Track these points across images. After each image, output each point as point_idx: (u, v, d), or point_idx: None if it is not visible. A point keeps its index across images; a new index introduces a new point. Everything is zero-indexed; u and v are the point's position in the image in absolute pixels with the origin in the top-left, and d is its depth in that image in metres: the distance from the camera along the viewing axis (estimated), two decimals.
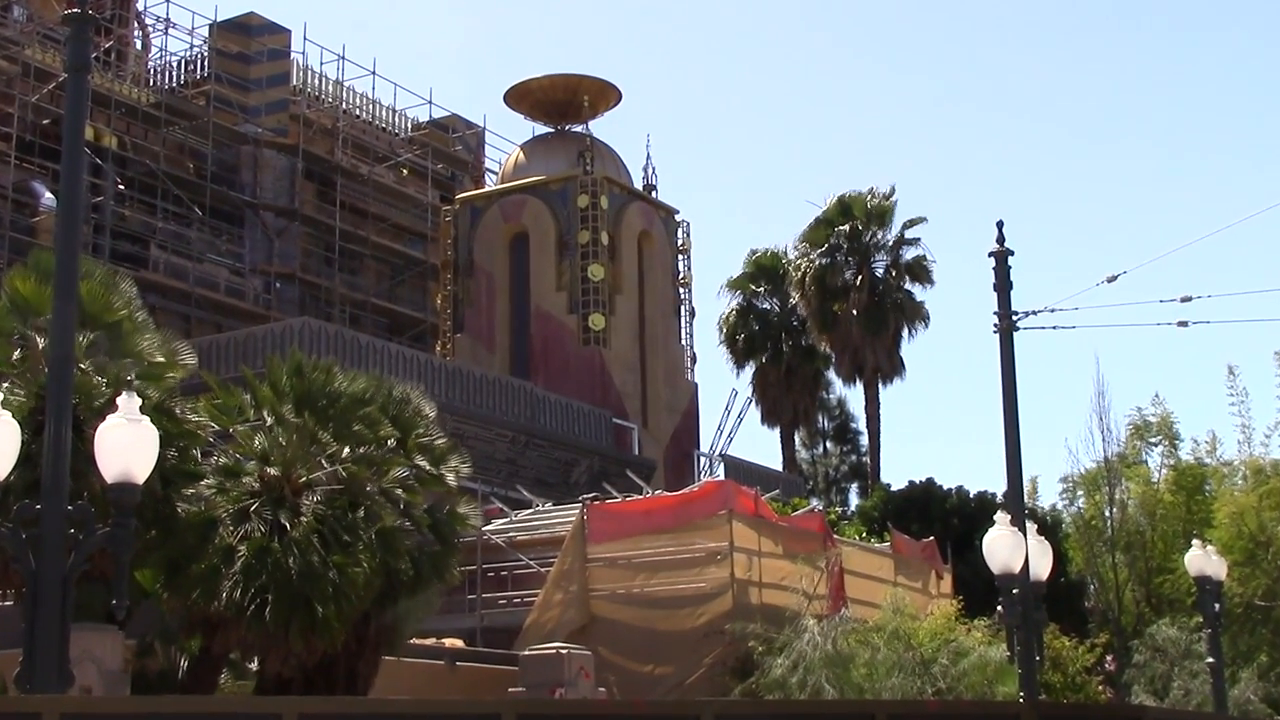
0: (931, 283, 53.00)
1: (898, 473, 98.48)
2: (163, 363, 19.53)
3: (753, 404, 54.72)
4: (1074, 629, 32.83)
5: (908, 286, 52.84)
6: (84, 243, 42.04)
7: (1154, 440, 40.77)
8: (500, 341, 45.90)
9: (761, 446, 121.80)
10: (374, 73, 52.79)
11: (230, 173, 47.65)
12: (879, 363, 51.99)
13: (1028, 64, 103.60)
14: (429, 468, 20.94)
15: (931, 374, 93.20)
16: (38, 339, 18.11)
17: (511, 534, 30.13)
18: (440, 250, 48.51)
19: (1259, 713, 30.57)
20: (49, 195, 40.70)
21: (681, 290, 48.61)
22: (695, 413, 47.81)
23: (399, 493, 20.14)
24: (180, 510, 18.78)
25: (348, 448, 19.95)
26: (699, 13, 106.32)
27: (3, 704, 13.08)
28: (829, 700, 21.70)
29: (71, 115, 13.84)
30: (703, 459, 47.09)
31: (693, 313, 48.81)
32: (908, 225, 53.35)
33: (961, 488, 41.99)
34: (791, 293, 55.06)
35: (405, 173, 53.60)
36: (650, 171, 48.90)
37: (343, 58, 51.48)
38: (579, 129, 48.24)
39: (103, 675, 17.89)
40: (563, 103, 48.15)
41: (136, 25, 49.12)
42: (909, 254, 53.13)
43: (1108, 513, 38.78)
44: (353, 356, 34.76)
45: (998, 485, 46.83)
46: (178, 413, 18.99)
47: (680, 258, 48.85)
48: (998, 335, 19.76)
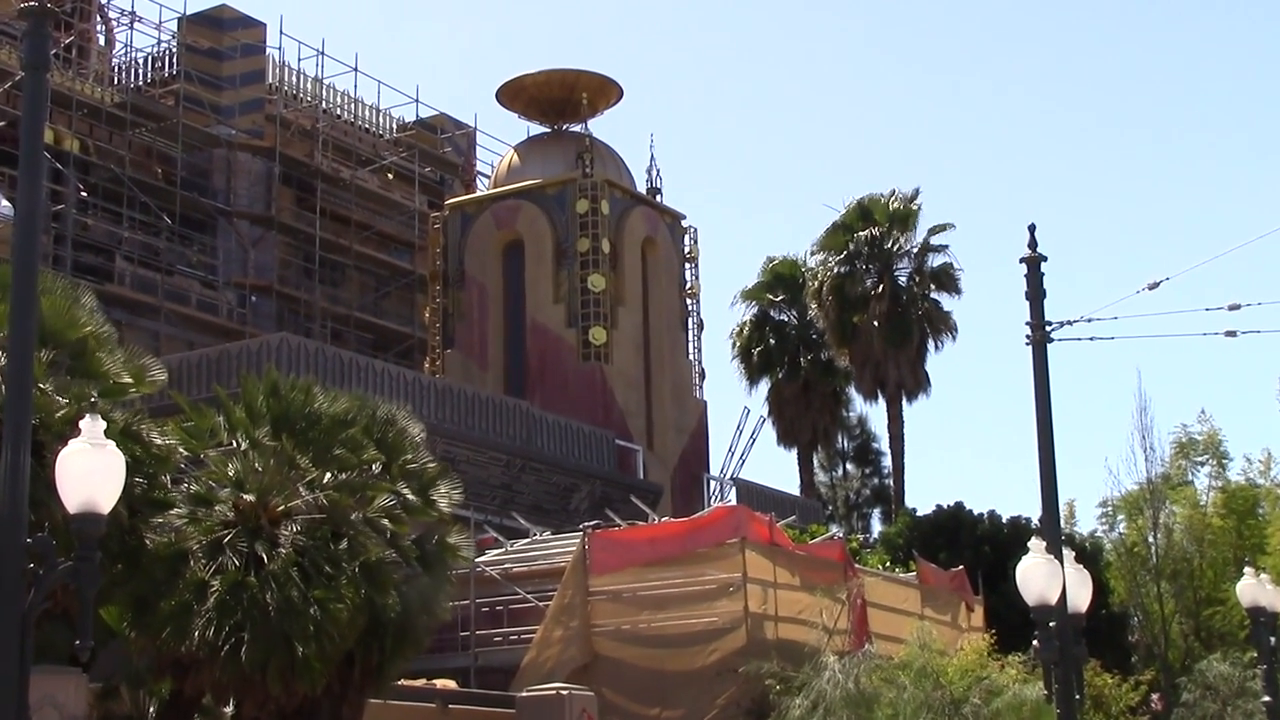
0: (959, 292, 53.12)
1: (924, 496, 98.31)
2: (129, 383, 19.53)
3: (767, 423, 54.75)
4: (1116, 665, 32.78)
5: (933, 296, 52.89)
6: (44, 254, 42.29)
7: (1201, 460, 40.79)
8: (494, 358, 45.90)
9: (777, 469, 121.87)
10: (356, 69, 52.92)
11: (201, 178, 47.70)
12: (903, 378, 51.99)
13: (1059, 60, 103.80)
14: (417, 495, 20.91)
15: (959, 390, 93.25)
16: None
17: (507, 565, 30.10)
18: (428, 260, 48.54)
19: None
20: (5, 203, 40.74)
21: (689, 301, 48.62)
22: (705, 433, 47.77)
23: (385, 522, 20.11)
24: (148, 542, 18.76)
25: (329, 473, 19.93)
26: (704, 3, 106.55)
27: None
28: None
29: (29, 117, 13.84)
30: (713, 483, 47.05)
31: (701, 325, 48.84)
32: (933, 230, 53.45)
33: (993, 512, 42.00)
34: (809, 303, 55.08)
35: (390, 177, 53.63)
36: (654, 174, 48.98)
37: (322, 53, 51.63)
38: (577, 128, 48.27)
39: None
40: (559, 100, 48.20)
41: (99, 19, 49.20)
42: (934, 261, 53.21)
43: (1152, 539, 38.76)
44: (334, 375, 34.73)
45: (1032, 509, 46.77)
46: (146, 436, 18.98)
47: (687, 266, 48.87)
48: (1030, 347, 19.75)
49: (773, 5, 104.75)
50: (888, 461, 59.48)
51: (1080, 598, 18.81)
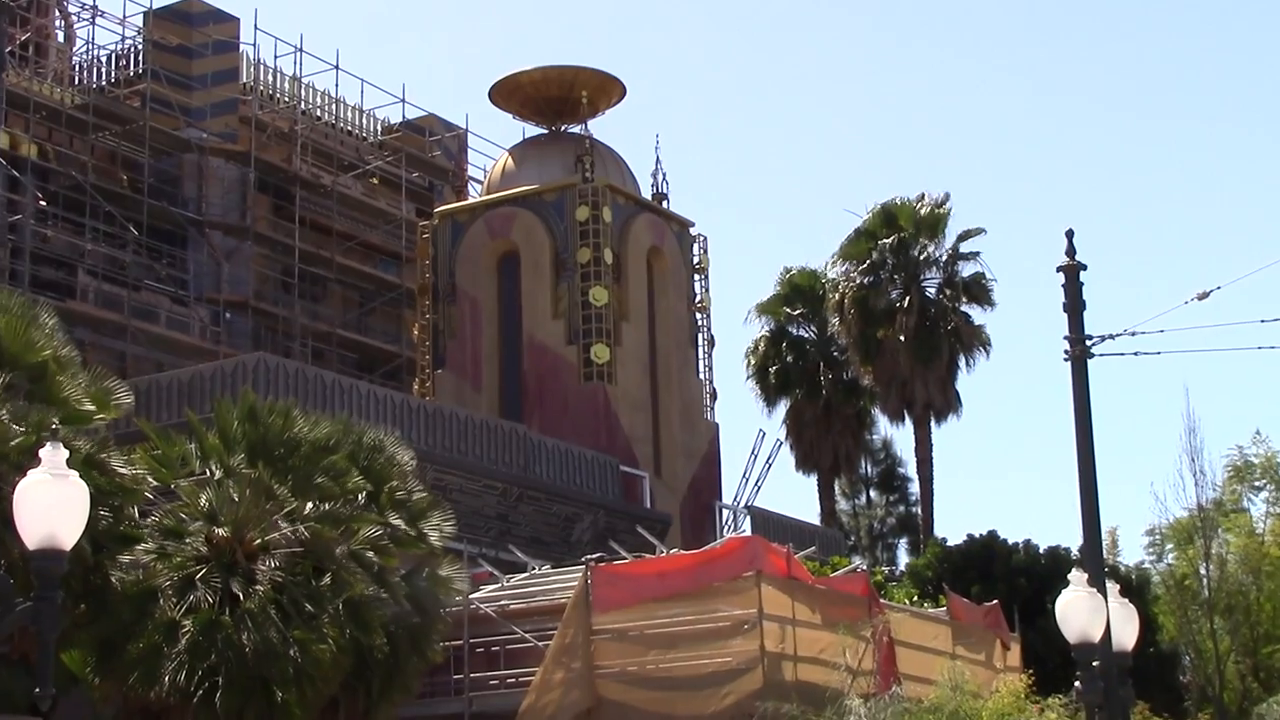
0: (992, 304, 53.06)
1: (954, 525, 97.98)
2: (93, 409, 19.57)
3: (785, 447, 54.69)
4: (1166, 708, 32.70)
5: (964, 308, 52.84)
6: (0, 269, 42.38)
7: (1258, 484, 40.66)
8: (488, 378, 45.91)
9: (795, 497, 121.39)
10: (337, 67, 52.99)
11: (170, 185, 47.75)
12: (931, 397, 51.94)
13: (1095, 53, 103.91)
14: (406, 526, 20.96)
15: (993, 410, 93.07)
16: None
17: (503, 602, 30.05)
18: (417, 273, 48.57)
19: None
20: None
21: (699, 316, 48.62)
22: (717, 458, 47.74)
23: (371, 556, 20.15)
24: (114, 580, 18.79)
25: (310, 504, 19.98)
26: None
27: None
28: None
29: None
30: (726, 512, 46.99)
31: (712, 342, 48.84)
32: (963, 237, 53.39)
33: (1030, 542, 41.87)
34: (829, 317, 55.05)
35: (375, 183, 53.68)
36: (661, 178, 49.00)
37: (300, 50, 51.70)
38: (576, 129, 48.31)
39: None
40: (557, 99, 48.26)
41: (58, 14, 49.33)
42: (965, 270, 53.19)
43: (1203, 570, 38.63)
44: (316, 397, 34.73)
45: (1072, 539, 46.61)
46: (111, 466, 19.02)
47: (697, 278, 48.88)
48: (1069, 363, 19.74)
49: (788, 0, 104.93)
50: (915, 488, 59.39)
51: (1126, 634, 18.78)
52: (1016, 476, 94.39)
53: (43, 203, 44.24)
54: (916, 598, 37.08)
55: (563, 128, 48.98)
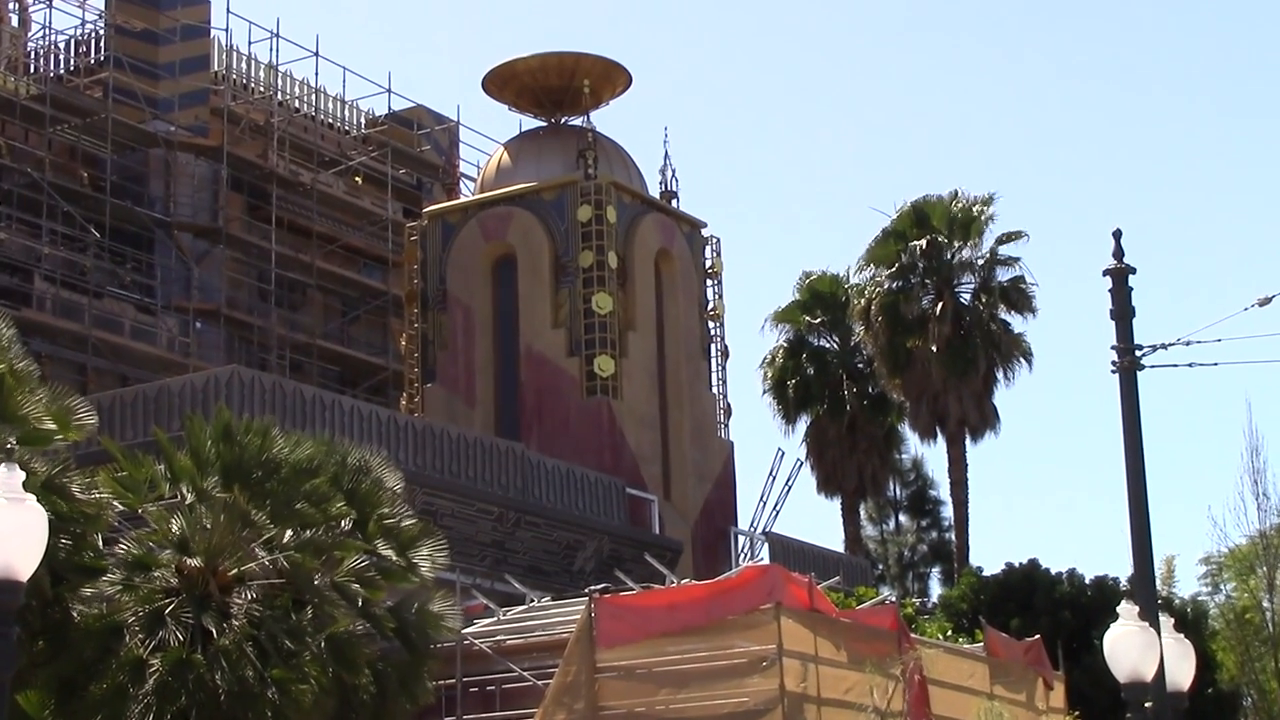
0: (1033, 311, 53.04)
1: (992, 553, 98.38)
2: (52, 428, 19.56)
3: (805, 468, 54.68)
4: None
5: (1002, 316, 52.84)
6: None
7: None
8: (482, 393, 45.92)
9: (817, 522, 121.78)
10: (317, 54, 53.05)
11: (135, 183, 47.81)
12: (966, 413, 51.93)
13: (1141, 43, 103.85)
14: (394, 555, 20.95)
15: (1034, 427, 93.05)
16: None
17: (500, 637, 30.03)
18: (404, 278, 48.59)
19: None
20: None
21: (712, 324, 48.63)
22: (732, 480, 47.72)
23: (356, 588, 20.14)
24: (76, 614, 18.79)
25: (290, 531, 19.98)
26: None
27: None
28: None
29: None
30: (742, 539, 46.98)
31: (726, 353, 48.83)
32: (1002, 240, 53.38)
33: (1074, 571, 41.90)
34: (854, 326, 55.06)
35: (359, 181, 53.73)
36: (669, 175, 49.02)
37: (276, 35, 51.76)
38: (578, 122, 48.36)
39: None
40: (557, 89, 48.30)
41: None
42: (1003, 275, 53.16)
43: (1267, 603, 38.63)
44: (295, 414, 34.75)
45: (1122, 568, 46.61)
46: (72, 490, 19.01)
47: (709, 283, 48.89)
48: (1118, 375, 19.73)
49: None
50: (948, 512, 59.42)
51: (1181, 672, 18.76)
52: (1060, 499, 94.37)
53: None
54: (950, 632, 37.07)
55: (563, 120, 49.01)
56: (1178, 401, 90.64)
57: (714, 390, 48.23)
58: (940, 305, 52.07)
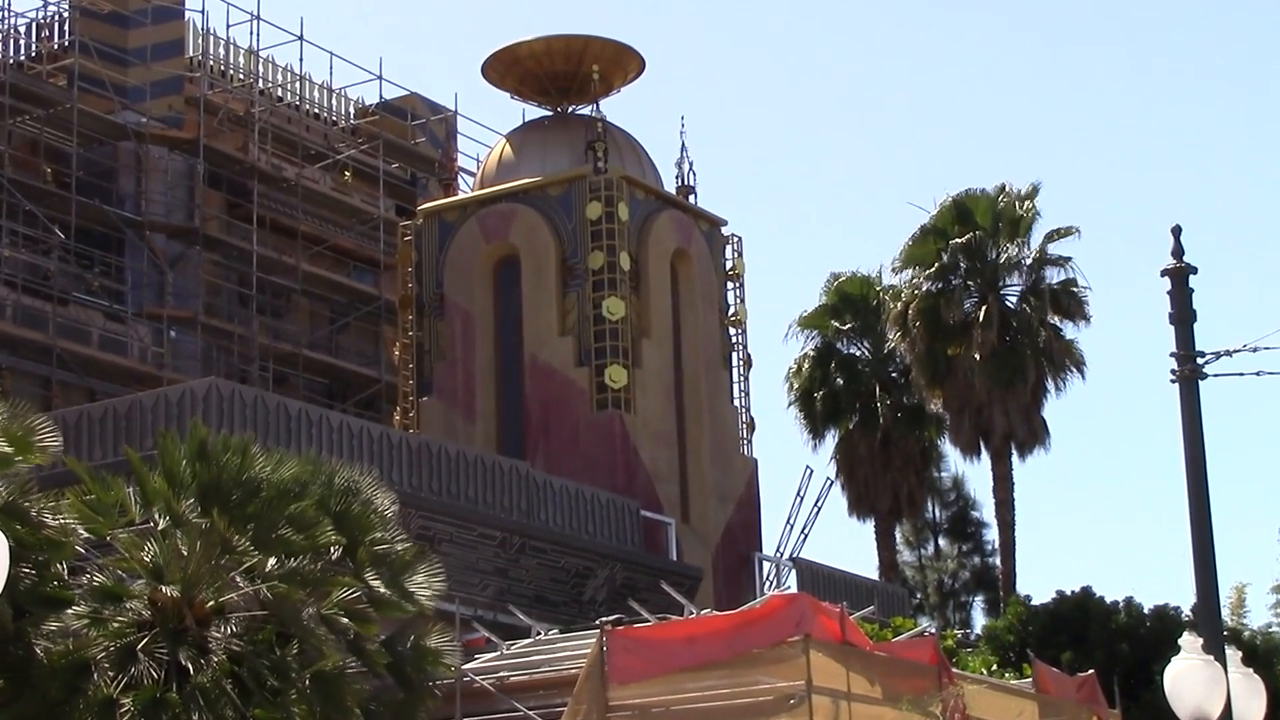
0: (1085, 316, 52.96)
1: (1041, 580, 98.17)
2: (12, 450, 19.58)
3: (835, 487, 54.66)
4: None
5: (1053, 321, 52.78)
6: None
7: None
8: (483, 407, 45.93)
9: (849, 546, 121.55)
10: (301, 38, 53.14)
11: (104, 180, 47.86)
12: (1013, 427, 51.90)
13: (1198, 23, 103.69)
14: (387, 585, 20.95)
15: (1087, 442, 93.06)
16: None
17: (503, 674, 30.04)
18: (398, 282, 48.62)
19: None
20: None
21: (733, 331, 48.64)
22: (756, 501, 47.71)
23: (345, 620, 20.14)
24: (40, 651, 18.77)
25: (274, 559, 19.98)
26: None
27: None
28: None
29: None
30: (767, 565, 46.96)
31: (749, 362, 48.83)
32: (1052, 237, 53.32)
33: (1132, 600, 41.88)
34: (888, 331, 55.03)
35: (348, 176, 53.78)
36: (686, 169, 49.04)
37: (257, 18, 51.87)
38: (586, 111, 48.39)
39: None
40: (564, 75, 48.33)
41: None
42: (1054, 276, 53.10)
43: None
44: (279, 431, 34.77)
45: (1184, 597, 46.52)
46: (35, 515, 19.02)
47: (730, 286, 48.90)
48: (1178, 385, 19.70)
49: None
50: (993, 535, 59.30)
51: (1251, 710, 18.71)
52: (1116, 521, 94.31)
53: None
54: (995, 666, 37.03)
55: (570, 109, 49.03)
56: (1244, 414, 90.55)
57: (736, 403, 48.21)
58: (984, 309, 52.02)
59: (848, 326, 57.50)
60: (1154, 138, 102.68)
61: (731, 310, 48.78)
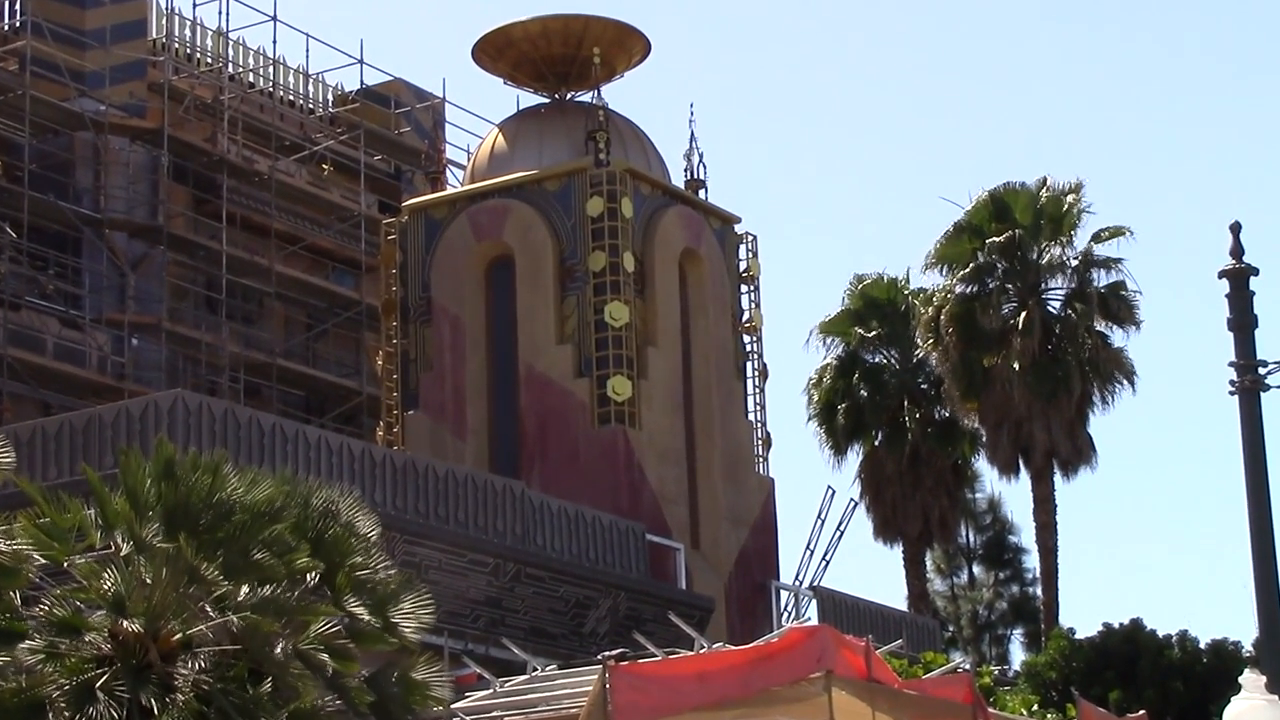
0: (1136, 322, 52.94)
1: (1085, 611, 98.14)
2: None
3: (860, 509, 54.65)
4: None
5: (1100, 328, 52.77)
6: None
7: None
8: (474, 421, 45.95)
9: (875, 574, 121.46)
10: (275, 18, 53.17)
11: (60, 173, 47.91)
12: (1055, 444, 51.88)
13: (1258, 7, 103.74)
14: (369, 615, 20.92)
15: (1136, 460, 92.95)
16: None
17: (496, 713, 30.08)
18: (381, 285, 48.65)
19: None
20: None
21: (748, 339, 48.66)
22: (772, 524, 47.72)
23: (324, 655, 20.12)
24: None
25: (245, 587, 19.95)
26: None
27: None
28: None
29: None
30: (786, 594, 46.97)
31: (765, 372, 48.86)
32: (1099, 236, 53.30)
33: (1186, 634, 41.89)
34: (919, 339, 55.03)
35: (326, 169, 53.82)
36: (696, 161, 49.07)
37: None
38: (586, 98, 48.42)
39: None
40: (562, 59, 48.37)
41: None
42: (1101, 279, 53.08)
43: None
44: (252, 448, 34.80)
45: (1244, 630, 46.53)
46: None
47: (744, 289, 48.93)
48: (1237, 396, 19.71)
49: None
50: (1033, 561, 59.46)
51: None
52: (1169, 547, 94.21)
53: None
54: (1036, 706, 37.02)
55: (569, 96, 49.09)
56: None
57: (750, 417, 48.23)
58: (1024, 314, 52.02)
59: (873, 333, 57.46)
60: (1211, 126, 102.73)
61: (746, 316, 48.80)
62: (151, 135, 48.88)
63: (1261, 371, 19.84)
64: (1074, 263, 53.24)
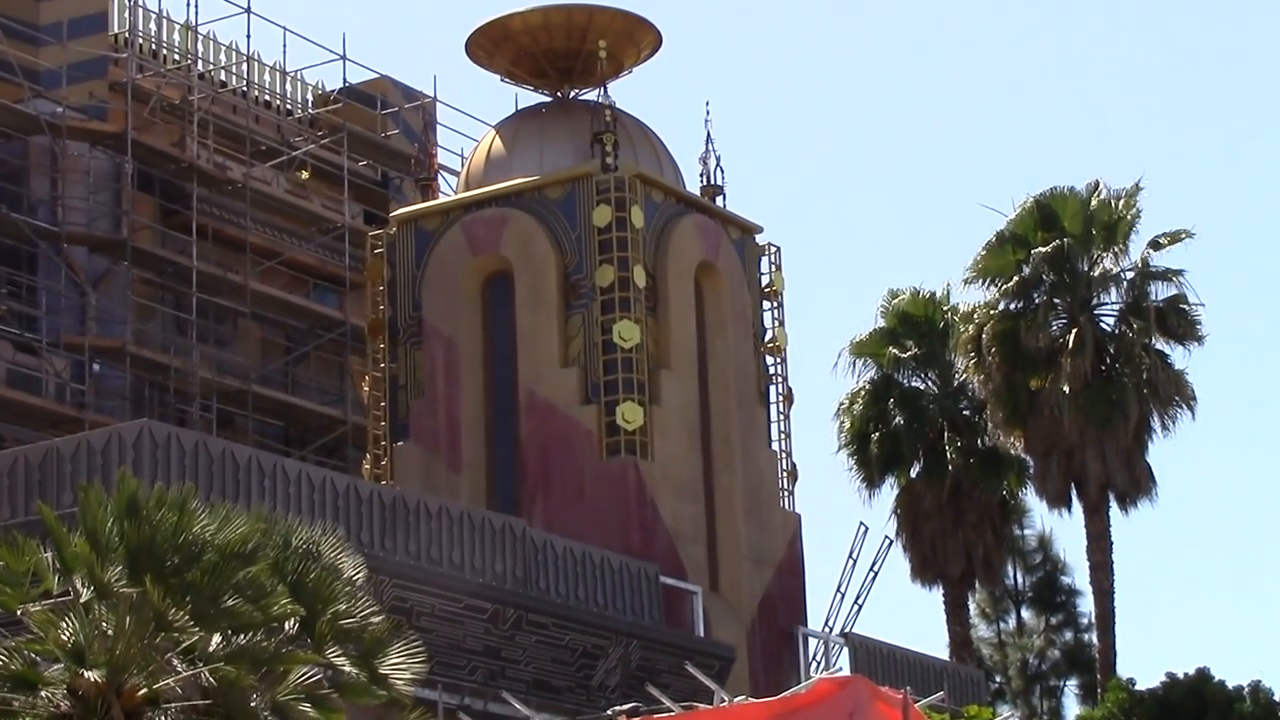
0: (1199, 340, 52.92)
1: (1147, 660, 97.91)
2: None
3: (896, 547, 54.62)
4: None
5: (1159, 347, 52.77)
6: None
7: None
8: (470, 453, 45.97)
9: (913, 619, 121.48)
10: (249, 10, 53.17)
11: (12, 182, 47.97)
12: (1111, 475, 51.89)
13: None
14: (355, 666, 20.95)
15: (1200, 493, 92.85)
16: None
17: None
18: (367, 304, 48.71)
19: None
20: None
21: (771, 360, 48.68)
22: (799, 565, 47.73)
23: (304, 709, 20.16)
24: None
25: (218, 636, 19.98)
26: None
27: None
28: None
29: None
30: (814, 641, 46.96)
31: (790, 397, 48.87)
32: (1157, 245, 53.29)
33: (1259, 685, 41.93)
34: (958, 361, 55.03)
35: (306, 176, 53.86)
36: (713, 165, 49.14)
37: None
38: (592, 96, 48.49)
39: None
40: (565, 53, 48.45)
41: None
42: (1159, 293, 53.10)
43: None
44: (225, 483, 34.83)
45: None
46: None
47: (767, 306, 48.96)
48: None
49: None
50: (1087, 605, 59.30)
51: None
52: (1237, 588, 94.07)
53: None
54: None
55: (573, 94, 49.17)
56: None
57: (774, 447, 48.24)
58: (1074, 332, 52.07)
59: (909, 354, 57.47)
60: (1277, 126, 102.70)
61: (768, 335, 48.82)
62: (114, 140, 48.89)
63: None
64: (1129, 275, 53.29)
